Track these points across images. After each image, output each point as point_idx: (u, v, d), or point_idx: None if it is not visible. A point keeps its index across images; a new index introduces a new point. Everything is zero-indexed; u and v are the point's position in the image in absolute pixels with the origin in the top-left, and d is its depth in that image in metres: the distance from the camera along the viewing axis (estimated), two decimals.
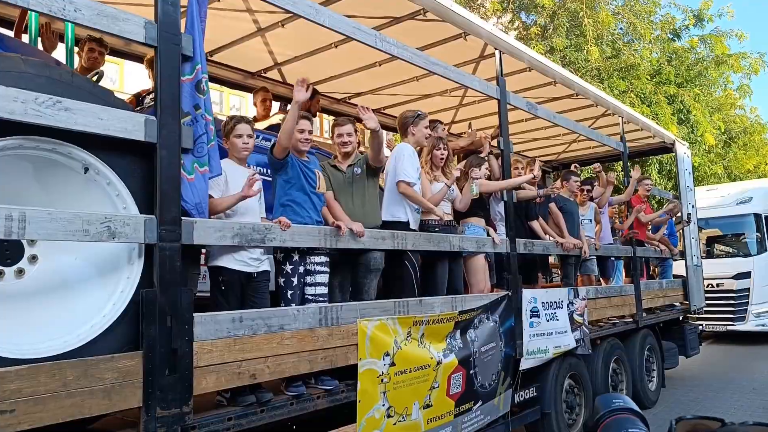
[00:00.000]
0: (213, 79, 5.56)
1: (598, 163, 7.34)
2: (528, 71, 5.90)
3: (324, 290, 3.34)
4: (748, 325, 11.57)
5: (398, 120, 4.44)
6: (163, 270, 2.46)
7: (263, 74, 5.81)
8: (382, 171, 4.09)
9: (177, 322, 2.48)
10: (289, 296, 3.19)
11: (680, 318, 8.87)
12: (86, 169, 2.41)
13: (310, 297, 3.29)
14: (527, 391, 5.02)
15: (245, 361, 2.74)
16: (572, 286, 5.88)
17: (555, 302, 5.34)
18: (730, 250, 12.43)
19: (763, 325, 11.60)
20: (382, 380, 3.44)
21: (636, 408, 2.67)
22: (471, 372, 4.16)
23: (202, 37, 2.80)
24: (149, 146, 2.49)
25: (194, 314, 2.56)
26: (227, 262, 2.92)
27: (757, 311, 11.62)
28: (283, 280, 3.21)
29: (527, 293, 4.94)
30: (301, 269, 3.25)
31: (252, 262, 2.99)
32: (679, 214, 8.49)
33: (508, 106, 5.35)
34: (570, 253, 5.81)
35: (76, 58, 4.30)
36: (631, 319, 6.94)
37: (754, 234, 12.07)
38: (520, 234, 5.38)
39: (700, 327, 9.78)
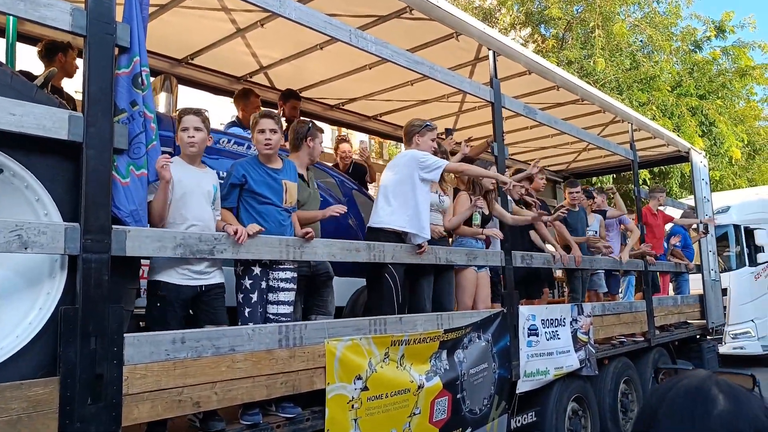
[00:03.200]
0: (196, 83, 5.36)
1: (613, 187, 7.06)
2: (528, 74, 5.59)
3: (288, 309, 3.03)
4: (726, 348, 10.37)
5: (405, 127, 4.15)
6: (87, 284, 2.17)
7: (249, 78, 5.57)
8: None
9: (103, 344, 2.19)
10: (246, 315, 2.89)
11: (698, 336, 8.42)
12: (0, 171, 2.15)
13: (271, 316, 2.98)
14: (525, 416, 4.66)
15: (187, 387, 2.45)
16: (579, 301, 5.52)
17: (556, 320, 4.98)
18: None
19: (741, 348, 10.62)
20: (352, 406, 3.12)
21: None
22: (458, 396, 3.82)
23: (144, 28, 2.54)
24: (75, 146, 2.23)
25: (126, 335, 2.28)
26: (166, 275, 2.63)
27: (734, 332, 10.59)
28: (241, 296, 2.91)
29: (525, 310, 4.59)
30: (263, 285, 2.94)
31: (195, 275, 2.69)
32: (693, 226, 8.08)
33: (507, 111, 5.08)
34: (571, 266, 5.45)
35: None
36: (643, 338, 6.52)
37: (733, 247, 11.18)
38: (518, 246, 5.05)
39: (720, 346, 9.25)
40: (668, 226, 8.08)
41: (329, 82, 5.76)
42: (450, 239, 4.42)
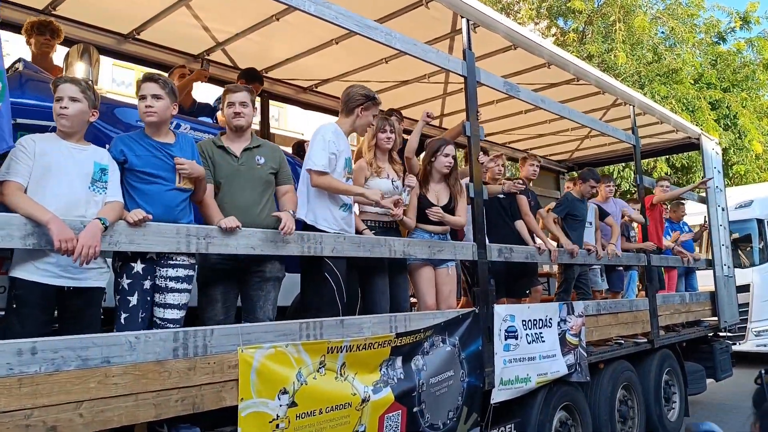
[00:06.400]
0: (148, 62, 4.92)
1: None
2: (513, 49, 5.07)
3: (178, 315, 2.57)
4: (748, 345, 9.99)
5: (345, 94, 3.50)
6: None
7: (207, 56, 5.10)
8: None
9: None
10: (123, 321, 2.42)
11: (709, 336, 7.82)
12: None
13: (158, 321, 2.52)
14: (503, 428, 4.14)
15: (38, 408, 1.99)
16: (566, 300, 4.99)
17: (541, 320, 4.46)
18: None
19: (764, 345, 10.09)
20: (277, 426, 2.65)
21: None
22: (415, 410, 3.32)
23: None
24: None
25: None
26: (23, 270, 2.17)
27: (757, 329, 10.08)
28: (118, 298, 2.45)
29: (501, 309, 4.08)
30: (146, 285, 2.48)
31: (61, 272, 2.23)
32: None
33: (499, 93, 4.57)
34: (565, 261, 4.93)
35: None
36: (645, 339, 5.97)
37: (757, 242, 10.57)
38: (506, 238, 4.54)
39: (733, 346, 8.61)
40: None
41: (296, 60, 5.27)
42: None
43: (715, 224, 7.81)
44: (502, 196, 4.56)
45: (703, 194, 7.95)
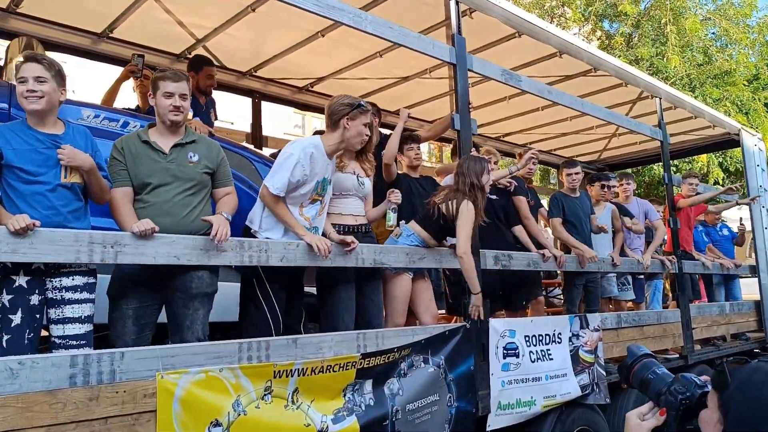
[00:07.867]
0: (126, 63, 4.65)
1: None
2: (518, 37, 4.63)
3: (81, 329, 2.21)
4: None
5: (329, 106, 3.12)
6: None
7: (188, 56, 4.82)
8: None
9: None
10: (5, 344, 2.08)
11: (756, 351, 7.10)
12: None
13: (57, 341, 2.18)
14: None
15: None
16: (576, 312, 4.47)
17: (548, 335, 3.98)
18: None
19: None
20: None
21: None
22: None
23: None
24: None
25: None
26: None
27: None
28: None
29: (498, 324, 3.62)
30: (33, 301, 2.13)
31: None
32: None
33: (503, 84, 4.12)
34: (572, 269, 4.43)
35: None
36: (677, 355, 5.39)
37: None
38: (500, 244, 4.09)
39: None
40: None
41: (285, 56, 4.94)
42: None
43: (760, 227, 7.12)
44: (494, 197, 4.11)
45: (744, 193, 7.27)
